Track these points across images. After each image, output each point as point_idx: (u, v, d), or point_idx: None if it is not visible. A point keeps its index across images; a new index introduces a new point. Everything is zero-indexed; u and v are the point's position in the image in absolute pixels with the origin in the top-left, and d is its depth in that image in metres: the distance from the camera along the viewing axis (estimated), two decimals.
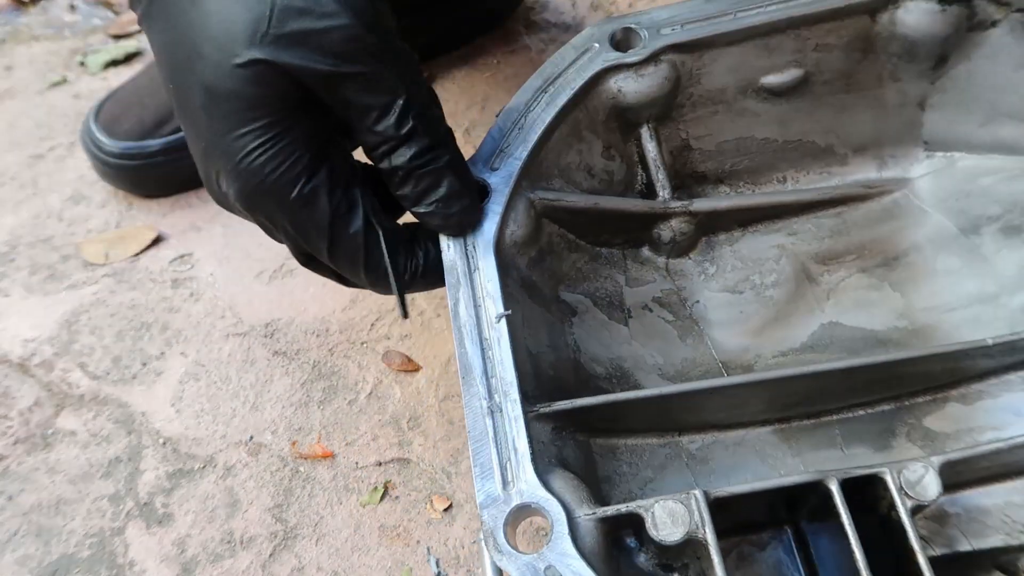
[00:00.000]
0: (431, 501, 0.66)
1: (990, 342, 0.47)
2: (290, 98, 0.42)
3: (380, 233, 0.47)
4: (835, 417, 0.53)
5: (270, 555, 0.65)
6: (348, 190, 0.46)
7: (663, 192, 0.57)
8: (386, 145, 0.44)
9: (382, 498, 0.67)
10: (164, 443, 0.72)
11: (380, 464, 0.69)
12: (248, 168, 0.43)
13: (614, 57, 0.54)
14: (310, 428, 0.71)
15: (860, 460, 0.52)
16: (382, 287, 0.49)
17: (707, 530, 0.40)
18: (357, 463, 0.69)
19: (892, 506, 0.42)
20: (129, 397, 0.75)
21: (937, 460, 0.43)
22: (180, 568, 0.65)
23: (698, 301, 0.58)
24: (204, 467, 0.70)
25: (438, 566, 0.62)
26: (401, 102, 0.43)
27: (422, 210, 0.47)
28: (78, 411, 0.74)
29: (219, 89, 0.41)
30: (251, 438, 0.71)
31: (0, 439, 0.73)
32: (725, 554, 0.50)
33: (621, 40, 0.55)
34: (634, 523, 0.42)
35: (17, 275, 0.84)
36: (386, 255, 0.47)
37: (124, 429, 0.73)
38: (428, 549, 0.63)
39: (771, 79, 0.57)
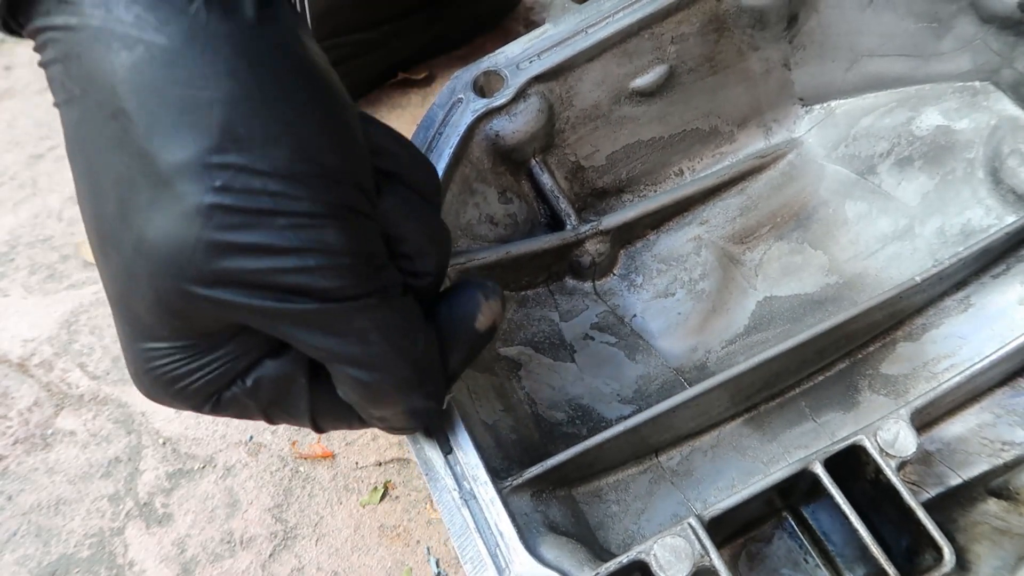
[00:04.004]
0: (431, 501, 0.65)
1: (918, 279, 0.48)
2: (217, 324, 0.33)
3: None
4: (798, 390, 0.53)
5: (270, 555, 0.64)
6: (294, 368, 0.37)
7: (569, 220, 0.56)
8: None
9: (382, 498, 0.66)
10: (164, 443, 0.70)
11: (380, 464, 0.67)
12: (154, 379, 0.35)
13: (482, 105, 0.53)
14: None
15: (834, 426, 0.52)
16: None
17: (713, 556, 0.39)
18: (357, 463, 0.68)
19: (878, 470, 0.42)
20: (129, 397, 0.73)
21: (905, 412, 0.43)
22: (180, 568, 0.64)
23: (635, 315, 0.58)
24: (204, 467, 0.69)
25: (438, 566, 0.61)
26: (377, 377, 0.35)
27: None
28: (78, 411, 0.73)
29: (125, 296, 0.33)
30: (251, 438, 0.70)
31: (0, 439, 0.72)
32: (735, 559, 0.50)
33: (484, 85, 0.54)
34: (640, 568, 0.40)
35: (17, 275, 0.83)
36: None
37: (124, 429, 0.72)
38: (428, 549, 0.62)
39: (639, 82, 0.57)
